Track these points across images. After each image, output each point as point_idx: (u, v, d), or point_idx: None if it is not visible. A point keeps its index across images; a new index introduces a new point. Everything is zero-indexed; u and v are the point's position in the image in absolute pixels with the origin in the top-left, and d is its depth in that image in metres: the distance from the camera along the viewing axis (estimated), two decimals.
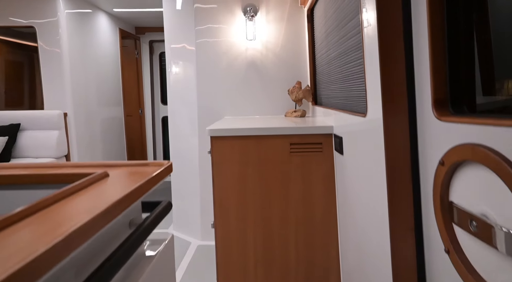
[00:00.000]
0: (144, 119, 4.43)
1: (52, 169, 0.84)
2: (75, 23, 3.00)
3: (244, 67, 2.45)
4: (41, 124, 2.79)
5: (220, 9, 2.44)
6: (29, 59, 3.29)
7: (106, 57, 3.53)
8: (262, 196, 1.78)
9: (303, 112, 2.22)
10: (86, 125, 3.12)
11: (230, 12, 2.43)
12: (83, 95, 3.09)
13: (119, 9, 3.48)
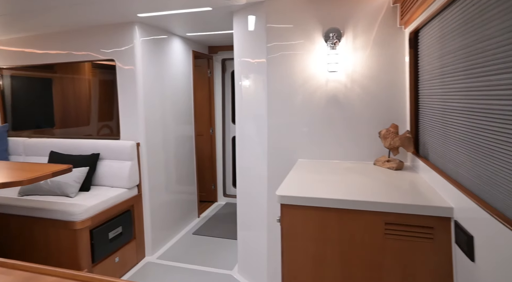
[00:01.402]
0: (214, 139, 4.34)
1: None
2: (149, 48, 2.97)
3: (323, 102, 2.07)
4: (116, 154, 2.83)
5: (296, 33, 2.09)
6: (116, 78, 3.40)
7: (179, 77, 3.48)
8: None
9: (400, 164, 1.74)
10: (157, 149, 3.10)
11: (308, 38, 2.05)
12: (156, 119, 3.07)
13: (192, 34, 3.40)
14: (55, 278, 1.00)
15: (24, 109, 3.52)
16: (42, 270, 1.04)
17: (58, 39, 3.12)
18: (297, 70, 2.10)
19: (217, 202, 4.46)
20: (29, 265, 1.06)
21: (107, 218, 2.54)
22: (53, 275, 1.02)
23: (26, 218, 2.45)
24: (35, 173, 2.04)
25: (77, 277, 0.99)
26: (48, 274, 1.02)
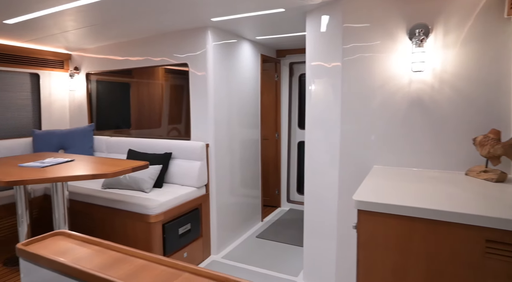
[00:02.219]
0: (279, 143, 4.36)
1: None
2: (220, 52, 3.12)
3: (404, 105, 1.94)
4: (187, 154, 3.01)
5: (375, 32, 2.00)
6: (186, 82, 3.66)
7: (247, 81, 3.59)
8: None
9: (502, 175, 1.54)
10: (225, 151, 3.22)
11: (389, 36, 1.95)
12: (224, 121, 3.20)
13: (261, 37, 3.49)
14: (142, 261, 1.08)
15: (106, 111, 3.96)
16: (131, 252, 1.13)
17: (136, 46, 3.45)
18: (375, 71, 2.01)
19: (281, 207, 4.46)
20: (121, 246, 1.16)
21: (178, 214, 2.70)
22: (141, 258, 1.10)
23: (107, 209, 2.73)
24: (117, 168, 2.27)
25: (163, 262, 1.06)
26: (137, 256, 1.11)
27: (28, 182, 2.03)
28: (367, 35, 2.02)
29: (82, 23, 2.79)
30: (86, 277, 0.98)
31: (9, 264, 2.61)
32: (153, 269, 1.02)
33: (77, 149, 3.62)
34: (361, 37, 2.04)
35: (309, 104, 2.48)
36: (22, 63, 3.65)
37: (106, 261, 1.08)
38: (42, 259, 1.10)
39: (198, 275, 0.98)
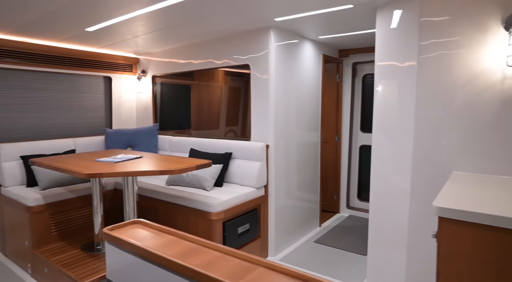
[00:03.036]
0: (340, 147, 4.25)
1: None
2: (282, 53, 3.15)
3: (496, 105, 1.77)
4: (247, 154, 3.08)
5: (460, 24, 1.86)
6: (244, 84, 3.75)
7: (308, 82, 3.58)
8: None
9: None
10: (284, 153, 3.23)
11: (477, 28, 1.80)
12: (284, 122, 3.22)
13: (324, 36, 3.45)
14: (217, 252, 1.13)
15: (169, 112, 4.22)
16: (205, 243, 1.19)
17: (199, 49, 3.63)
18: (458, 68, 1.86)
19: (339, 213, 4.34)
20: (195, 237, 1.23)
21: (237, 213, 2.78)
22: (215, 250, 1.15)
23: (171, 205, 2.90)
24: (183, 165, 2.40)
25: (237, 255, 1.09)
26: (211, 248, 1.16)
27: (104, 175, 2.24)
28: (449, 29, 1.89)
29: (151, 28, 3.02)
30: (165, 262, 1.05)
31: (86, 249, 2.90)
32: (227, 261, 1.06)
33: (143, 147, 3.91)
34: (442, 32, 1.92)
35: (377, 106, 2.38)
36: (97, 67, 4.05)
37: (182, 250, 1.15)
38: (124, 243, 1.20)
39: (273, 270, 0.99)
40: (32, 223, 2.91)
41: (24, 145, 3.42)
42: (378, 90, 2.36)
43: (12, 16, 2.67)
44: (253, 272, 0.98)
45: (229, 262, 1.05)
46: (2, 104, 3.43)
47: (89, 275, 2.45)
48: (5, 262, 3.22)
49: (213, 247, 1.16)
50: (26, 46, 3.41)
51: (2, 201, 3.30)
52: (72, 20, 2.74)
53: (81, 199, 3.25)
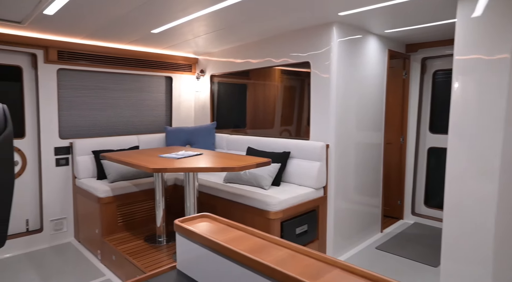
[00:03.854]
0: (405, 149, 4.01)
1: None
2: (344, 49, 3.06)
3: None
4: (306, 154, 3.04)
5: None
6: (300, 83, 3.72)
7: (371, 80, 3.43)
8: None
9: None
10: (345, 153, 3.13)
11: None
12: (345, 122, 3.12)
13: (390, 30, 3.28)
14: (289, 251, 1.12)
15: (225, 111, 4.32)
16: (276, 240, 1.19)
17: (257, 47, 3.66)
18: None
19: (403, 220, 4.10)
20: (265, 234, 1.23)
21: (295, 213, 2.75)
22: (286, 247, 1.14)
23: (229, 202, 2.96)
24: (242, 163, 2.43)
25: (310, 254, 1.07)
26: (282, 245, 1.16)
27: (169, 170, 2.36)
28: None
29: (212, 28, 3.12)
30: (238, 257, 1.06)
31: (148, 240, 3.08)
32: (301, 260, 1.04)
33: (201, 145, 4.06)
34: None
35: (454, 105, 2.20)
36: (159, 67, 4.30)
37: (252, 246, 1.16)
38: (196, 235, 1.24)
39: (350, 272, 0.96)
40: (102, 213, 3.17)
41: (95, 141, 3.75)
42: (456, 87, 2.18)
43: (87, 23, 2.94)
44: (330, 272, 0.95)
45: (303, 261, 1.03)
46: (78, 103, 3.79)
47: (152, 265, 2.60)
48: (78, 247, 3.56)
49: (284, 244, 1.15)
50: (98, 49, 3.73)
51: (76, 192, 3.65)
52: (139, 23, 2.93)
53: (144, 193, 3.47)
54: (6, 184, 1.22)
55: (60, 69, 3.58)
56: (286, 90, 3.58)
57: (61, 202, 3.69)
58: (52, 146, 3.57)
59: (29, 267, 3.09)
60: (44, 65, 3.45)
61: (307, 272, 0.96)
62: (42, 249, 3.51)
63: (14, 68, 3.42)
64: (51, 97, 3.53)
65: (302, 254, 1.08)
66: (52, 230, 3.64)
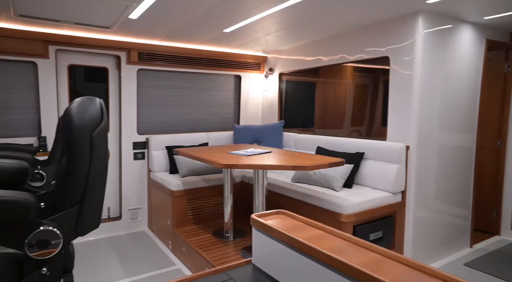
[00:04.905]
0: (504, 153, 3.54)
1: None
2: (431, 41, 2.81)
3: None
4: (382, 155, 2.86)
5: None
6: (373, 81, 3.52)
7: (461, 75, 3.10)
8: None
9: None
10: (428, 156, 2.87)
11: None
12: (428, 122, 2.86)
13: (491, 16, 2.91)
14: (375, 254, 1.04)
15: (293, 109, 4.28)
16: (360, 242, 1.12)
17: (329, 43, 3.55)
18: None
19: (500, 236, 3.62)
20: (348, 235, 1.17)
21: (369, 218, 2.60)
22: (372, 250, 1.06)
23: (297, 201, 2.92)
24: (314, 162, 2.37)
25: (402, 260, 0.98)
26: (367, 248, 1.08)
27: (239, 167, 2.40)
28: None
29: (283, 25, 3.11)
30: (321, 256, 1.01)
31: (216, 235, 3.19)
32: (392, 266, 0.96)
33: (269, 143, 4.08)
34: None
35: None
36: (229, 66, 4.43)
37: (333, 245, 1.10)
38: (273, 231, 1.22)
39: None
40: (174, 206, 3.36)
41: (168, 137, 4.00)
42: None
43: (165, 26, 3.14)
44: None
45: (395, 267, 0.94)
46: (154, 101, 4.08)
47: (220, 259, 2.67)
48: (151, 236, 3.82)
49: (370, 247, 1.07)
50: (173, 50, 3.98)
51: (150, 184, 3.93)
52: (213, 23, 3.04)
53: (212, 188, 3.60)
54: (101, 172, 1.34)
55: (139, 70, 3.89)
56: (357, 89, 3.41)
57: (137, 193, 4.00)
58: (131, 141, 3.89)
59: (110, 250, 3.40)
60: (126, 66, 3.78)
61: (401, 279, 0.88)
62: (120, 235, 3.85)
63: (102, 70, 3.80)
64: (132, 95, 3.85)
65: (393, 259, 1.00)
66: (129, 218, 3.97)
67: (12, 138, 3.31)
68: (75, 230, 1.29)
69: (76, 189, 1.27)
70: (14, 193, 1.10)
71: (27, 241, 1.14)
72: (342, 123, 3.58)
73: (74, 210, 1.28)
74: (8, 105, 3.31)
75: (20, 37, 3.20)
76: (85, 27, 3.16)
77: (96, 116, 1.30)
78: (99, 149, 1.31)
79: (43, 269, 1.18)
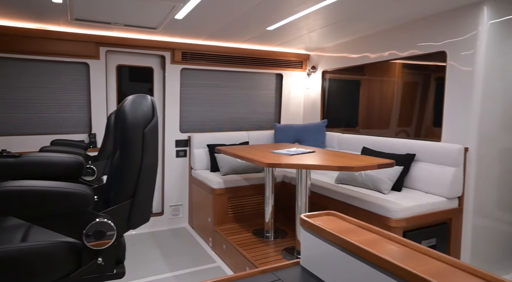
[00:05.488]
0: None
1: None
2: (497, 33, 2.58)
3: None
4: (436, 157, 2.68)
5: None
6: (424, 78, 3.32)
7: None
8: None
9: None
10: (490, 159, 2.65)
11: None
12: (492, 123, 2.64)
13: None
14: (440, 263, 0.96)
15: (336, 108, 4.16)
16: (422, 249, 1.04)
17: (376, 39, 3.40)
18: None
19: None
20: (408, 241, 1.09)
21: (421, 224, 2.45)
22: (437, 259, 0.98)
23: (341, 204, 2.82)
24: (362, 162, 2.27)
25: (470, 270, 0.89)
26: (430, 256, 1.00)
27: (283, 166, 2.36)
28: None
29: (329, 20, 3.02)
30: (381, 262, 0.95)
31: (256, 234, 3.17)
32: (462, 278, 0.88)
33: (310, 143, 4.00)
34: None
35: None
36: (271, 65, 4.40)
37: (394, 252, 1.04)
38: (325, 233, 1.17)
39: None
40: (215, 203, 3.40)
41: (209, 135, 4.06)
42: None
43: (209, 25, 3.18)
44: None
45: (467, 279, 0.86)
46: (196, 100, 4.16)
47: (261, 258, 2.65)
48: (192, 232, 3.90)
49: (435, 256, 0.99)
50: (216, 49, 4.02)
51: (192, 182, 4.01)
52: (256, 21, 3.03)
53: (253, 187, 3.59)
54: (151, 167, 1.37)
55: (183, 69, 3.98)
56: (406, 87, 3.24)
57: (179, 190, 4.10)
58: (173, 138, 4.00)
59: (153, 245, 3.52)
60: (170, 65, 3.89)
61: None
62: (162, 230, 3.97)
63: (144, 70, 3.94)
64: (175, 94, 3.96)
65: (462, 270, 0.91)
66: (170, 214, 4.08)
67: (66, 134, 3.53)
68: (127, 224, 1.32)
69: (128, 183, 1.31)
70: (76, 185, 1.15)
71: (85, 231, 1.19)
72: (388, 123, 3.42)
73: (127, 204, 1.31)
74: (63, 104, 3.53)
75: (74, 39, 3.40)
76: (133, 28, 3.29)
77: (148, 113, 1.33)
78: (151, 145, 1.34)
79: (98, 259, 1.22)
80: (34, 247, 1.14)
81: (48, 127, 3.49)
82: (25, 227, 1.52)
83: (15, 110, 3.35)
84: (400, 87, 3.29)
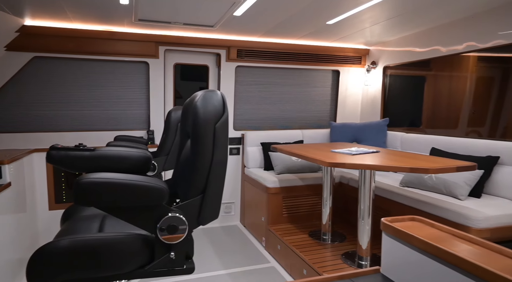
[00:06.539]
0: None
1: None
2: None
3: None
4: None
5: None
6: (503, 73, 2.98)
7: None
8: None
9: None
10: None
11: None
12: None
13: None
14: None
15: (397, 106, 3.90)
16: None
17: (447, 31, 3.12)
18: None
19: None
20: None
21: (510, 237, 2.19)
22: None
23: (407, 208, 2.62)
24: (438, 164, 2.07)
25: None
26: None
27: (347, 166, 2.24)
28: None
29: (397, 11, 2.82)
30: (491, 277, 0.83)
31: (313, 236, 3.07)
32: None
33: (370, 143, 3.79)
34: None
35: None
36: (327, 61, 4.25)
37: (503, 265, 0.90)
38: (414, 240, 1.06)
39: None
40: (269, 203, 3.35)
41: (263, 133, 4.02)
42: None
43: (267, 21, 3.13)
44: None
45: None
46: (249, 97, 4.14)
47: (319, 262, 2.55)
48: (244, 231, 3.89)
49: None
50: (271, 46, 3.97)
51: (244, 180, 4.00)
52: (316, 15, 2.92)
53: (308, 187, 3.49)
54: (221, 163, 1.35)
55: (237, 66, 3.98)
56: (480, 82, 2.93)
57: (232, 188, 4.12)
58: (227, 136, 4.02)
59: (206, 242, 3.56)
60: (225, 63, 3.91)
61: None
62: (214, 227, 4.01)
63: (197, 68, 4.00)
64: (229, 92, 3.97)
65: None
66: (223, 212, 4.11)
67: (127, 131, 3.70)
68: (197, 219, 1.31)
69: (199, 178, 1.29)
70: (153, 179, 1.15)
71: (159, 225, 1.19)
72: (457, 122, 3.12)
73: (197, 199, 1.30)
74: (125, 101, 3.70)
75: (136, 39, 3.54)
76: (191, 27, 3.35)
77: (219, 108, 1.31)
78: (221, 141, 1.32)
79: (171, 253, 1.22)
80: (113, 238, 1.16)
81: (111, 124, 3.69)
82: (100, 217, 1.58)
83: (83, 108, 3.57)
84: (473, 83, 2.99)
